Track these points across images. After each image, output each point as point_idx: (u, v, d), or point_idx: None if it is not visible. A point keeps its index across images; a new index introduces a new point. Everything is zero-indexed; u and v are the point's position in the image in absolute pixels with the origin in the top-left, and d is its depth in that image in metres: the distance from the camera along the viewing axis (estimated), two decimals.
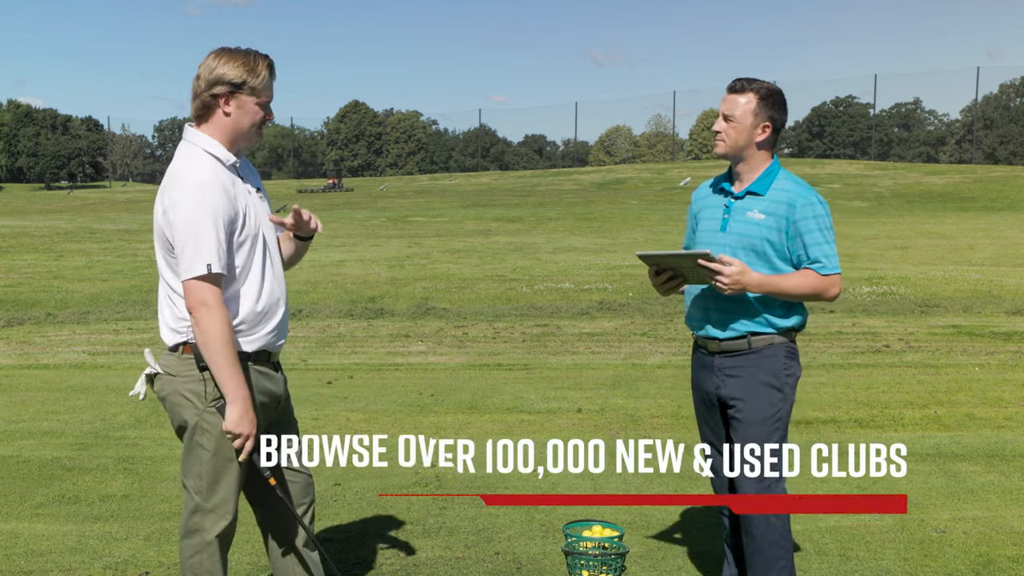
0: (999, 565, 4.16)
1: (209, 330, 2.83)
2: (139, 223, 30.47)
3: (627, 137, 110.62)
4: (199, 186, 2.85)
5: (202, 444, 2.97)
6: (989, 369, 8.92)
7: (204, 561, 3.02)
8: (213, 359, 2.85)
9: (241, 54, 2.96)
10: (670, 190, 44.12)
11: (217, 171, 2.93)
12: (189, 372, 2.96)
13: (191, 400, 2.97)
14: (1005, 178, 43.52)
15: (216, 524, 3.01)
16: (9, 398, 7.75)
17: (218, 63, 2.93)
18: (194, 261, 2.82)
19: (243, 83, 2.93)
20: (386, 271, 17.54)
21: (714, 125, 3.40)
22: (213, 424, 2.95)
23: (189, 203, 2.83)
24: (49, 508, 4.95)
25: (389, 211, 36.73)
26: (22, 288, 15.49)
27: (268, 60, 3.00)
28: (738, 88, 3.32)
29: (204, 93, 2.95)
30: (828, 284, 3.28)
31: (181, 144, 3.01)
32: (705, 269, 3.18)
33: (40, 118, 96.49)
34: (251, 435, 2.92)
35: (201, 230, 2.82)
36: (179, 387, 2.98)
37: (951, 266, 17.75)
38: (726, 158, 3.44)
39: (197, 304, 2.83)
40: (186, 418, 2.98)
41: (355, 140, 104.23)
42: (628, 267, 17.32)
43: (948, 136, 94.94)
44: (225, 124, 2.97)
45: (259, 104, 2.99)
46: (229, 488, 3.02)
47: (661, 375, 8.74)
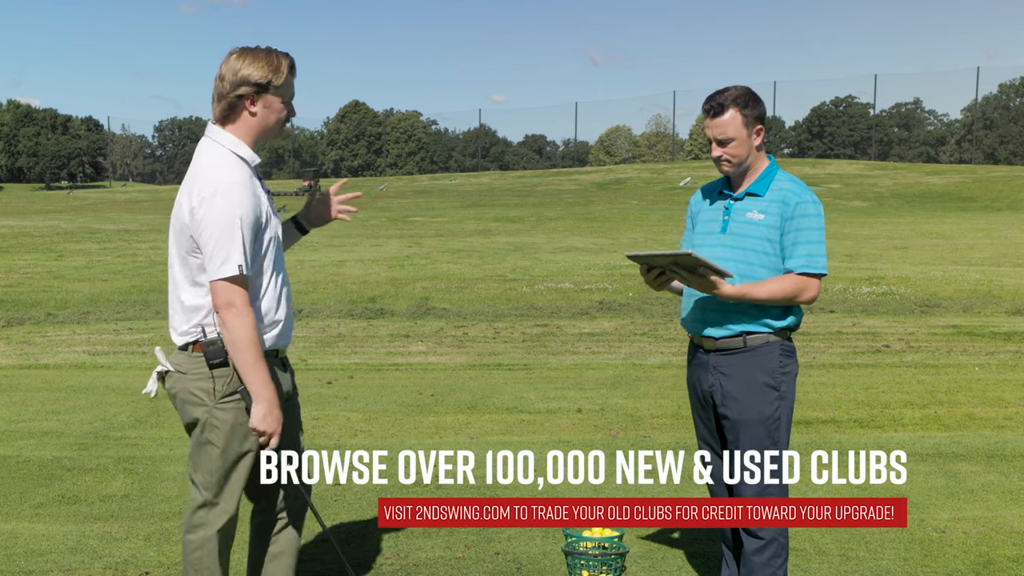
0: (999, 565, 4.16)
1: (237, 330, 2.86)
2: (139, 223, 30.47)
3: (627, 137, 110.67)
4: (231, 187, 2.88)
5: (212, 441, 3.00)
6: (989, 369, 8.91)
7: (205, 557, 3.04)
8: (241, 358, 2.88)
9: (263, 53, 2.98)
10: (670, 190, 44.11)
11: (245, 172, 2.96)
12: (199, 370, 2.98)
13: (201, 397, 2.99)
14: (1005, 178, 43.52)
15: (219, 519, 3.04)
16: (9, 398, 7.75)
17: (242, 64, 2.95)
18: (225, 262, 2.84)
19: (268, 83, 2.96)
20: (386, 271, 17.54)
21: (712, 152, 3.37)
22: (223, 421, 2.98)
23: (221, 204, 2.85)
24: (49, 508, 4.95)
25: (389, 211, 36.73)
26: (22, 288, 15.49)
27: (290, 59, 3.03)
28: (717, 110, 3.29)
29: (230, 94, 2.97)
30: (803, 286, 3.28)
31: (206, 143, 3.02)
32: (689, 273, 3.20)
33: (40, 118, 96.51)
34: (276, 432, 2.96)
35: (233, 231, 2.84)
36: (189, 385, 3.00)
37: (951, 266, 17.75)
38: (734, 173, 3.43)
39: (224, 304, 2.86)
40: (196, 415, 3.01)
41: (355, 140, 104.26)
42: (628, 267, 17.32)
43: (948, 136, 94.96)
44: (251, 124, 3.01)
45: (283, 102, 3.03)
46: (236, 484, 3.06)
47: (661, 375, 8.74)
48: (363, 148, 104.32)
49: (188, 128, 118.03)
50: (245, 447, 3.03)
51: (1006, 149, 78.30)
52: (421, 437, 6.40)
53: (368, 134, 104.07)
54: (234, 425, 2.99)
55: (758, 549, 3.36)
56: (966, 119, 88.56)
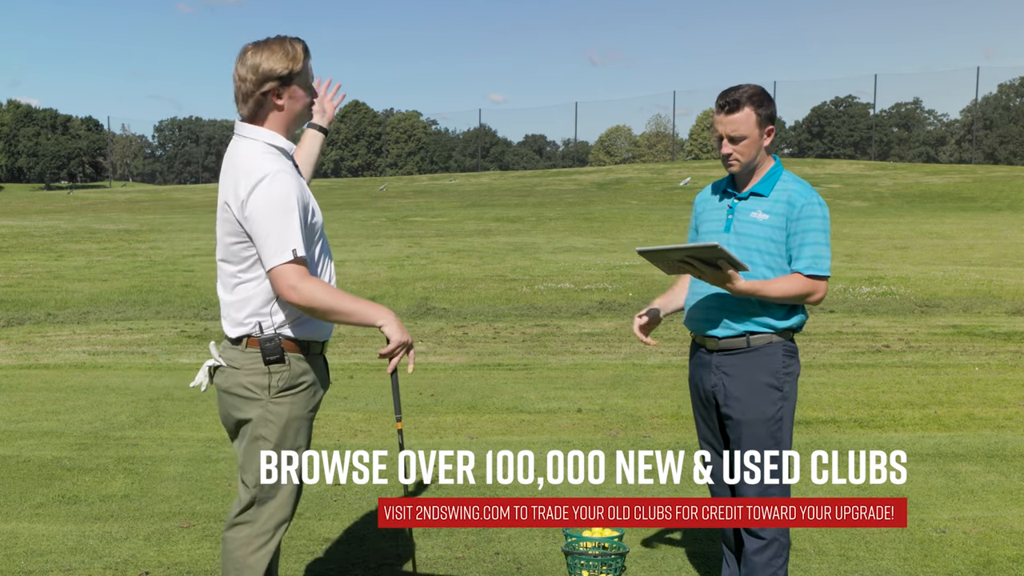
0: (999, 565, 4.16)
1: (312, 299, 2.84)
2: (139, 223, 30.48)
3: (627, 137, 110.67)
4: (277, 174, 2.88)
5: (265, 436, 2.98)
6: (989, 369, 8.91)
7: (248, 556, 3.00)
8: (338, 312, 2.88)
9: (277, 43, 2.99)
10: (670, 190, 44.11)
11: (285, 162, 2.99)
12: (253, 365, 2.97)
13: (255, 392, 2.97)
14: (1005, 178, 43.51)
15: (270, 519, 3.01)
16: (9, 398, 7.75)
17: (261, 59, 2.95)
18: (279, 248, 2.83)
19: (290, 73, 2.98)
20: (386, 271, 17.54)
21: (722, 148, 3.35)
22: (278, 415, 2.97)
23: (271, 191, 2.86)
24: (49, 508, 4.95)
25: (389, 211, 36.72)
26: (22, 288, 15.49)
27: (303, 43, 3.04)
28: (732, 106, 3.28)
29: (256, 92, 2.98)
30: (812, 288, 3.29)
31: (239, 141, 3.03)
32: (706, 266, 3.18)
33: (40, 118, 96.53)
34: (411, 343, 3.00)
35: (284, 217, 2.84)
36: (242, 380, 2.98)
37: (951, 266, 17.75)
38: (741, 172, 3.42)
39: (287, 289, 2.84)
40: (248, 411, 2.99)
41: (355, 140, 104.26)
42: (628, 267, 17.32)
43: (948, 136, 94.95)
44: (281, 116, 3.03)
45: (304, 89, 3.06)
46: (289, 482, 3.02)
47: (661, 375, 8.74)
48: (363, 148, 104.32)
49: (188, 128, 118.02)
50: (299, 442, 3.02)
51: (1006, 149, 78.29)
52: (421, 437, 6.40)
53: (368, 134, 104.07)
54: (289, 420, 2.98)
55: (759, 549, 3.36)
56: (966, 119, 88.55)
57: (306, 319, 3.00)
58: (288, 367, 2.97)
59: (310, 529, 4.63)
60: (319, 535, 4.54)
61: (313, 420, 3.10)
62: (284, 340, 2.97)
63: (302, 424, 3.03)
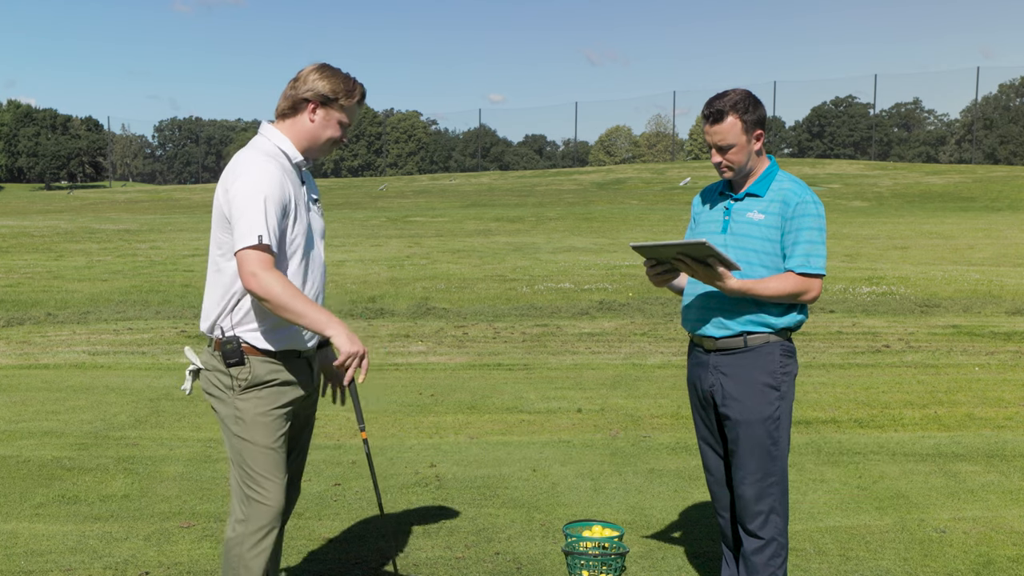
0: (999, 565, 4.16)
1: (266, 291, 2.85)
2: (139, 223, 30.48)
3: (627, 137, 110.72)
4: (261, 163, 2.96)
5: (239, 434, 3.04)
6: (989, 369, 8.92)
7: (245, 554, 3.03)
8: (289, 311, 2.86)
9: (342, 75, 3.10)
10: (670, 190, 44.12)
11: (282, 163, 3.03)
12: (218, 366, 3.05)
13: (223, 392, 3.05)
14: (1005, 178, 43.52)
15: (261, 515, 3.03)
16: (9, 398, 7.75)
17: (319, 76, 3.06)
18: (247, 231, 2.87)
19: (336, 98, 3.06)
20: (386, 271, 17.54)
21: (712, 158, 3.37)
22: (244, 410, 3.02)
23: (248, 178, 2.92)
24: (49, 508, 4.95)
25: (389, 211, 36.73)
26: (22, 288, 15.49)
27: (363, 88, 3.14)
28: (716, 117, 3.28)
29: (298, 95, 3.06)
30: (805, 286, 3.28)
31: (254, 139, 3.13)
32: (697, 263, 3.19)
33: (40, 118, 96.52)
34: (364, 353, 2.94)
35: (256, 204, 2.89)
36: (212, 380, 3.08)
37: (951, 266, 17.75)
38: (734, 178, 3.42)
39: (247, 275, 2.86)
40: (220, 411, 3.08)
41: (355, 140, 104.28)
42: (628, 267, 17.33)
43: (948, 136, 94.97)
44: (305, 129, 3.09)
45: (341, 123, 3.12)
46: (274, 476, 3.04)
47: (661, 375, 8.75)
48: (363, 148, 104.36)
49: (188, 128, 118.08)
50: (272, 438, 3.05)
51: (1006, 149, 78.27)
52: (421, 437, 6.40)
53: (368, 134, 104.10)
54: (255, 415, 3.02)
55: (758, 549, 3.36)
56: (966, 119, 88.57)
57: (271, 327, 3.02)
58: (249, 368, 3.01)
59: (310, 529, 4.63)
60: (319, 535, 4.54)
61: (288, 417, 3.10)
62: (245, 345, 3.01)
63: (273, 421, 3.04)
